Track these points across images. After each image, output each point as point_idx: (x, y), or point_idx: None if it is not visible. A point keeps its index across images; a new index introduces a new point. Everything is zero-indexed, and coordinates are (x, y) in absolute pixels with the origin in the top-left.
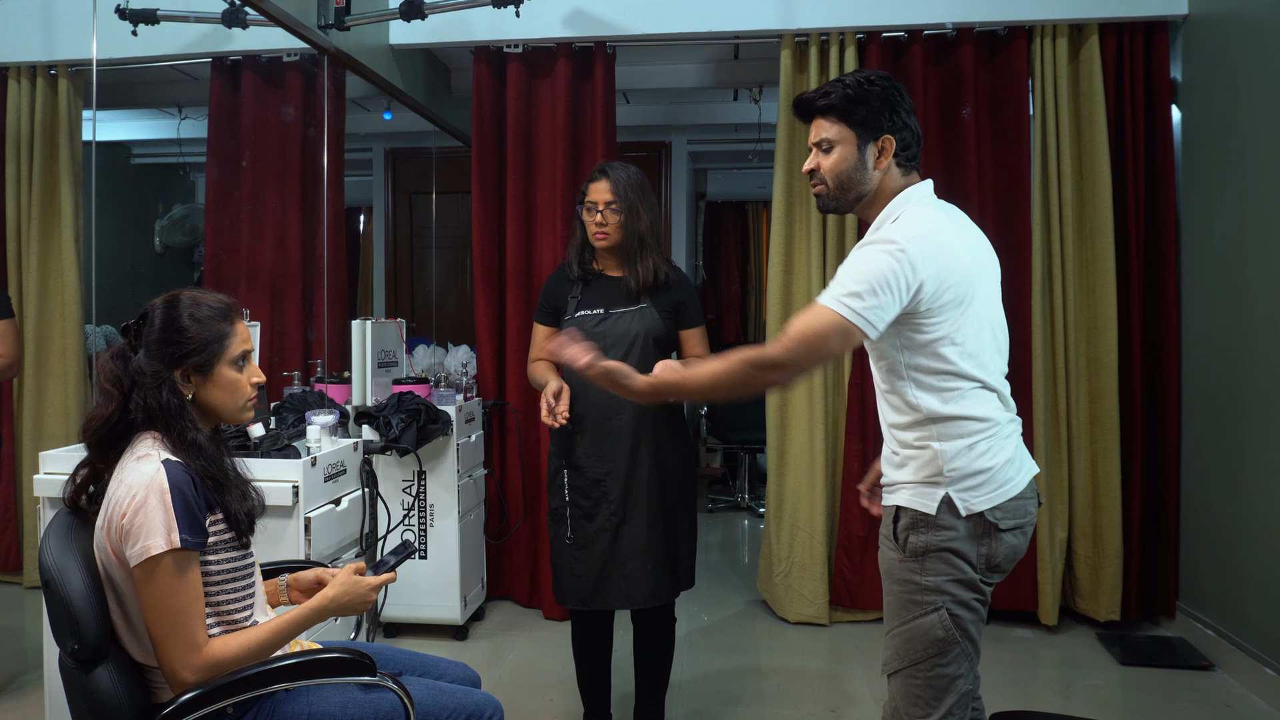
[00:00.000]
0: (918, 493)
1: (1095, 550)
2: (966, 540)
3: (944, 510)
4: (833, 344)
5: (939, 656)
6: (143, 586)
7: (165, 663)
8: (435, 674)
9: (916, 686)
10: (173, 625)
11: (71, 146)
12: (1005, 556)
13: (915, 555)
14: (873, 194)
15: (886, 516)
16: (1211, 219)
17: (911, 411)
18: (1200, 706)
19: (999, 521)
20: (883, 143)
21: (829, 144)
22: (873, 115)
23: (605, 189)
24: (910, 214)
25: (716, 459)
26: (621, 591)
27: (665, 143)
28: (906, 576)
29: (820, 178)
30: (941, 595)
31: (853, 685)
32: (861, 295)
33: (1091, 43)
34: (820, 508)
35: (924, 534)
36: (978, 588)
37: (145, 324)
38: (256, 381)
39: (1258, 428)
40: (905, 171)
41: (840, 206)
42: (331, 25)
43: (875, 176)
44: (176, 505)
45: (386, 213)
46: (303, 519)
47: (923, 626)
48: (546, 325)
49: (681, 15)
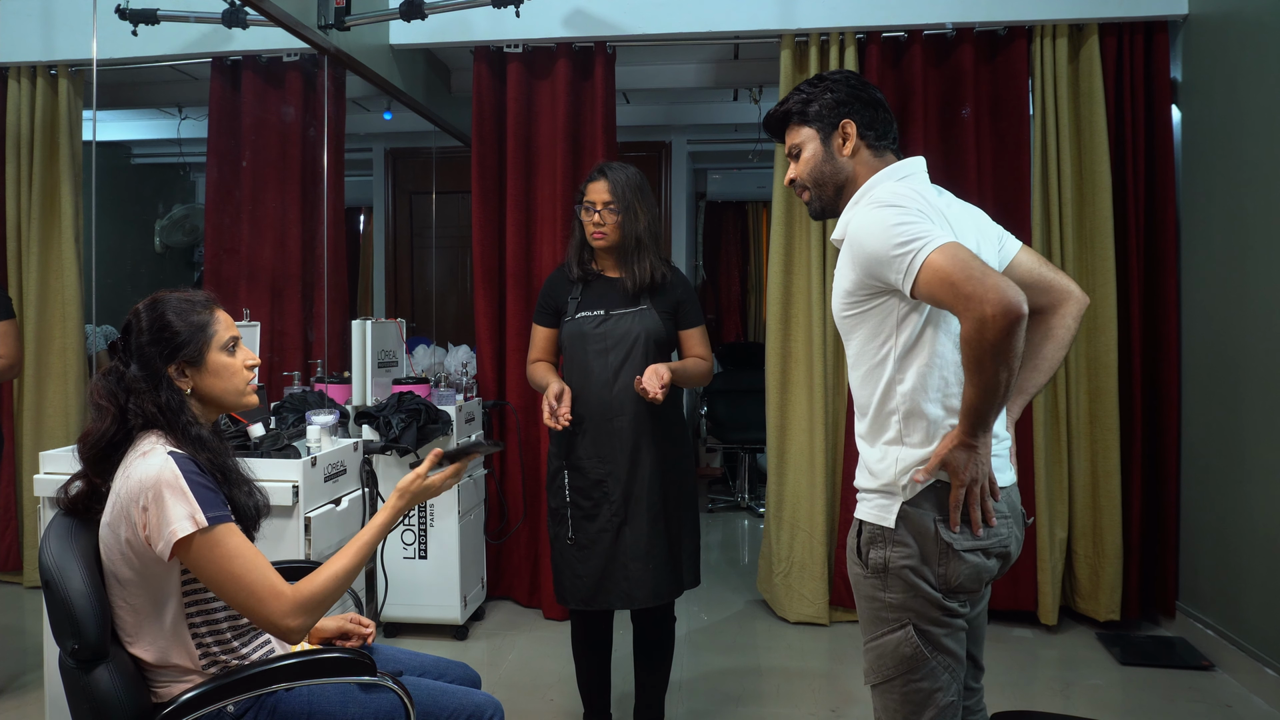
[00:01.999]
0: (876, 505)
1: (1095, 550)
2: (921, 560)
3: (902, 524)
4: (966, 263)
5: (910, 673)
6: (195, 570)
7: (264, 620)
8: (435, 674)
9: (894, 701)
10: (247, 589)
11: (71, 146)
12: (967, 577)
13: (876, 572)
14: (850, 181)
15: (851, 529)
16: (1211, 219)
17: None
18: (1200, 706)
19: (953, 542)
20: (843, 128)
21: (797, 149)
22: (828, 108)
23: (603, 189)
24: (878, 189)
25: (716, 459)
26: (624, 591)
27: (665, 143)
28: (871, 593)
29: (800, 183)
30: (906, 612)
31: (853, 685)
32: (910, 222)
33: (1091, 43)
34: (820, 508)
35: (881, 549)
36: (941, 605)
37: (131, 332)
38: (251, 364)
39: (1258, 428)
40: (878, 153)
41: (826, 206)
42: (331, 25)
43: (846, 164)
44: (192, 487)
45: (386, 213)
46: (303, 519)
47: (890, 644)
48: (546, 327)
49: (681, 15)
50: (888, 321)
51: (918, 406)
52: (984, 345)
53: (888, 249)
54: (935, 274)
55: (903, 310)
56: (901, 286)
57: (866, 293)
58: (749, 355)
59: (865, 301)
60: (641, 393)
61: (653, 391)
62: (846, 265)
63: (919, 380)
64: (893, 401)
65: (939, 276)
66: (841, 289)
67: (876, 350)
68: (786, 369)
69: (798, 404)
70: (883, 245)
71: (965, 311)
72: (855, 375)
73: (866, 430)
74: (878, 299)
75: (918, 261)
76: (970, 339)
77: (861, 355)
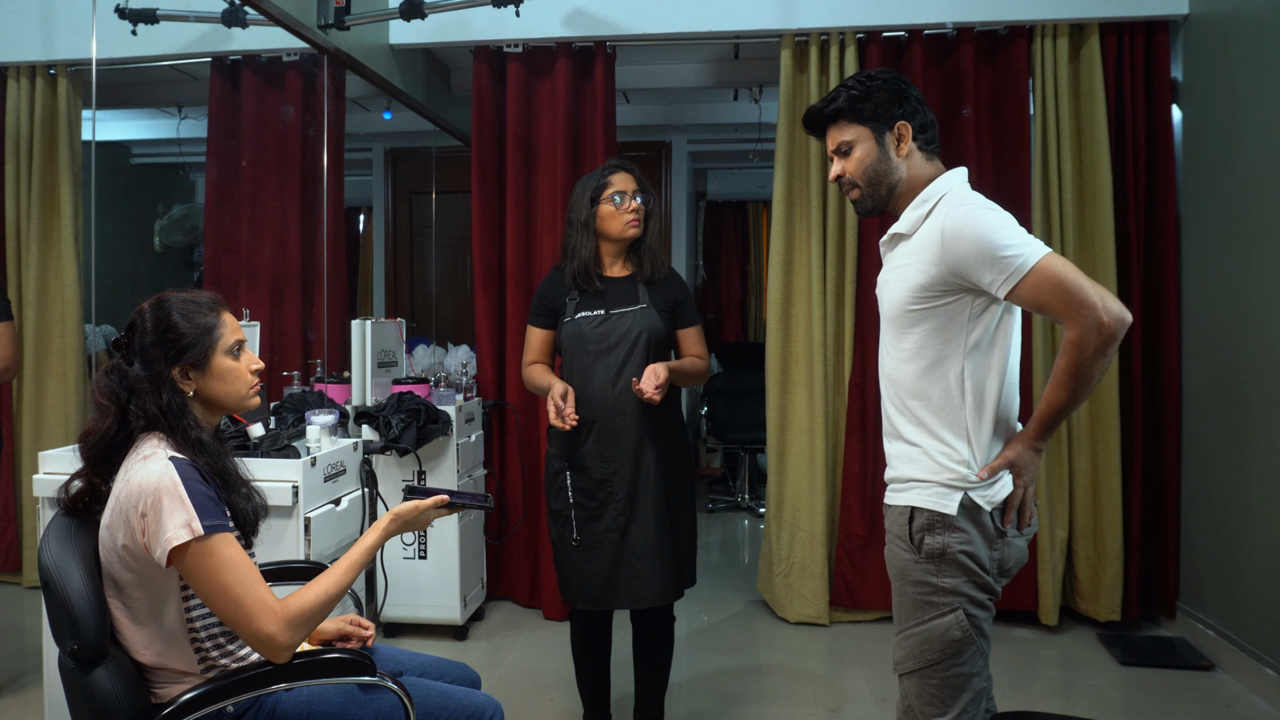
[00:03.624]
0: (936, 493)
1: (1095, 550)
2: (981, 544)
3: (963, 512)
4: (1078, 272)
5: (955, 657)
6: (188, 579)
7: (251, 636)
8: (435, 674)
9: (932, 686)
10: (236, 601)
11: (71, 146)
12: (1015, 561)
13: (931, 557)
14: (904, 182)
15: (898, 517)
16: (1211, 219)
17: (946, 404)
18: (1200, 707)
19: (1006, 531)
20: (899, 129)
21: (847, 146)
22: (882, 107)
23: (630, 179)
24: (960, 191)
25: (716, 459)
26: (631, 591)
27: (665, 143)
28: (922, 578)
29: (849, 180)
30: (958, 596)
31: (853, 685)
32: (1015, 228)
33: (1092, 42)
34: (820, 508)
35: (940, 535)
36: (991, 588)
37: (136, 331)
38: (256, 368)
39: (1258, 427)
40: (928, 156)
41: (878, 204)
42: (331, 25)
43: (901, 165)
44: (191, 494)
45: (386, 213)
46: (303, 519)
47: (940, 628)
48: (542, 328)
49: (681, 15)
50: (959, 318)
51: (985, 402)
52: (1088, 351)
53: (994, 250)
54: (1048, 279)
55: (976, 309)
56: (996, 287)
57: (943, 288)
58: (749, 355)
59: (940, 297)
60: (638, 393)
61: (649, 392)
62: (926, 261)
63: (988, 378)
64: (962, 395)
65: (1051, 282)
66: (913, 283)
67: (944, 345)
68: (786, 369)
69: (798, 404)
70: (988, 246)
71: (1078, 318)
72: (912, 367)
73: (928, 420)
74: (951, 296)
75: (1028, 265)
76: (1079, 344)
77: (924, 348)
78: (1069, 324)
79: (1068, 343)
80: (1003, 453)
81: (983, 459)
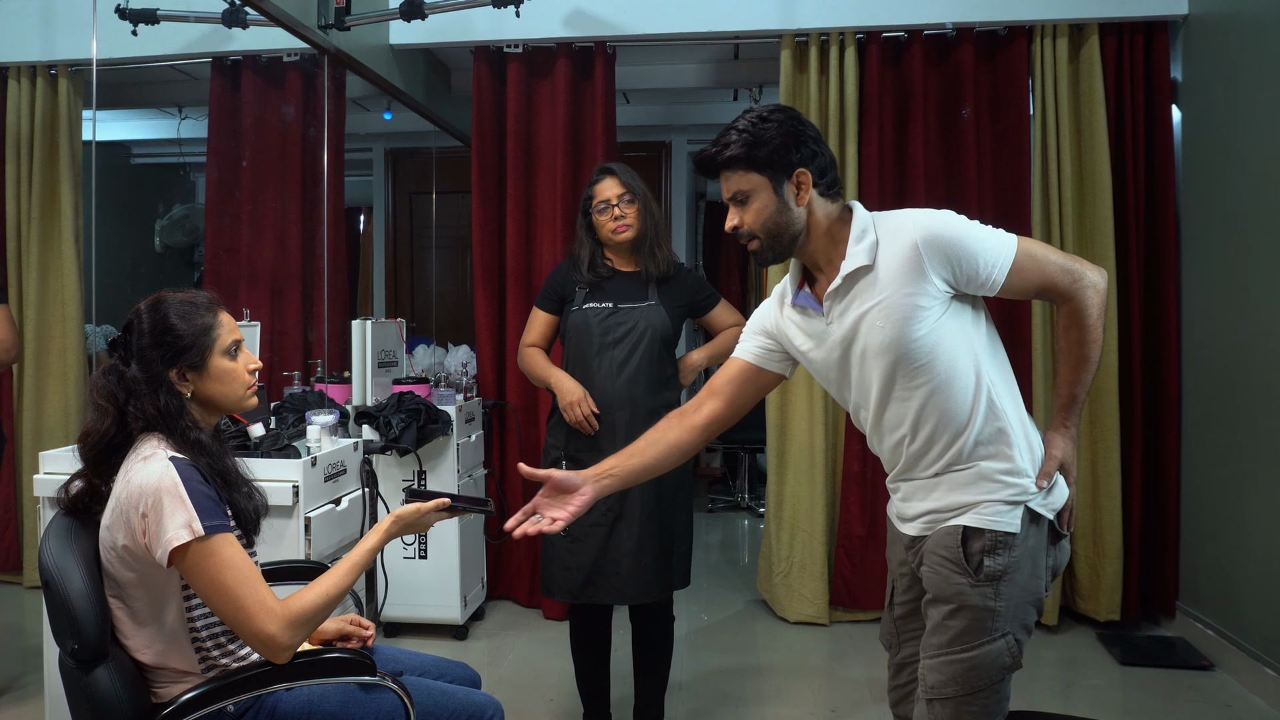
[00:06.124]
0: (996, 511)
1: (1095, 550)
2: (1041, 552)
3: (1025, 525)
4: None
5: (1000, 682)
6: (189, 579)
7: (252, 636)
8: (435, 674)
9: (972, 714)
10: (237, 601)
11: (71, 146)
12: (1063, 563)
13: (991, 579)
14: (805, 231)
15: (945, 539)
16: (1211, 219)
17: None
18: (1200, 706)
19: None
20: (798, 178)
21: (743, 195)
22: (778, 153)
23: (614, 184)
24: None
25: (716, 459)
26: (614, 587)
27: (665, 143)
28: (980, 602)
29: (747, 233)
30: (1009, 621)
31: (853, 685)
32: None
33: (1092, 43)
34: (820, 508)
35: (1002, 555)
36: (1041, 607)
37: (132, 332)
38: (254, 368)
39: (1258, 428)
40: (831, 199)
41: (779, 255)
42: (331, 25)
43: (801, 214)
44: (191, 495)
45: (386, 213)
46: (303, 519)
47: (991, 654)
48: (548, 312)
49: (681, 15)
50: (965, 328)
51: (1018, 405)
52: (1093, 314)
53: (976, 243)
54: (1032, 258)
55: (970, 313)
56: (991, 277)
57: (938, 300)
58: None
59: (941, 312)
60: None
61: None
62: (910, 281)
63: (1008, 379)
64: (998, 407)
65: (1037, 260)
66: (910, 306)
67: (970, 362)
68: None
69: (798, 404)
70: (969, 241)
71: (1074, 284)
72: (944, 397)
73: (980, 444)
74: (947, 306)
75: (1012, 250)
76: (1085, 309)
77: (954, 372)
78: (1066, 294)
79: (1072, 313)
80: (1048, 453)
81: (1035, 464)
